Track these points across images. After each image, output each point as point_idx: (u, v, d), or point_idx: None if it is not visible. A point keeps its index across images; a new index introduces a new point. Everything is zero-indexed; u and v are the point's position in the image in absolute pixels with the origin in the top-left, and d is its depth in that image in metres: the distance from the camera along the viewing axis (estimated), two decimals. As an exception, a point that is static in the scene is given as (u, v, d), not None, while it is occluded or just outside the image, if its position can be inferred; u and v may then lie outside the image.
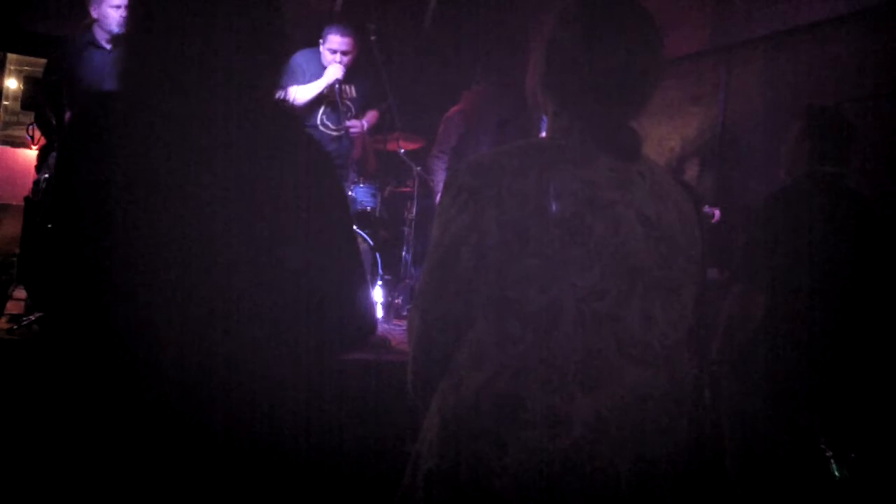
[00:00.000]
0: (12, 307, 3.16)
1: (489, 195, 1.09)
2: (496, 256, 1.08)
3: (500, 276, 1.08)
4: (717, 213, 4.06)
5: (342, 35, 4.00)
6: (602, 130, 1.16)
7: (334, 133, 4.09)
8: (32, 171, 4.05)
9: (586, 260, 1.07)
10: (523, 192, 1.08)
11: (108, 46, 3.49)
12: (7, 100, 6.31)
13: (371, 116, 4.25)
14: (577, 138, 1.15)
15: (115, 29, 3.41)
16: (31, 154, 5.26)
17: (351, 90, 4.14)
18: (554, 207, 1.07)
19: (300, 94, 3.92)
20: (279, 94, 1.22)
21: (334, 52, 4.00)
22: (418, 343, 1.20)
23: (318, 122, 4.07)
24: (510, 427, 1.05)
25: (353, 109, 4.14)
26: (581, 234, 1.08)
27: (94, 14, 3.48)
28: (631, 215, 1.11)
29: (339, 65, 3.97)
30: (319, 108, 4.07)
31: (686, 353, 1.18)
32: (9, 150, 4.54)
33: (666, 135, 4.83)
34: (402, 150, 4.58)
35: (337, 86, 4.00)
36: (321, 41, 4.05)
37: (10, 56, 6.14)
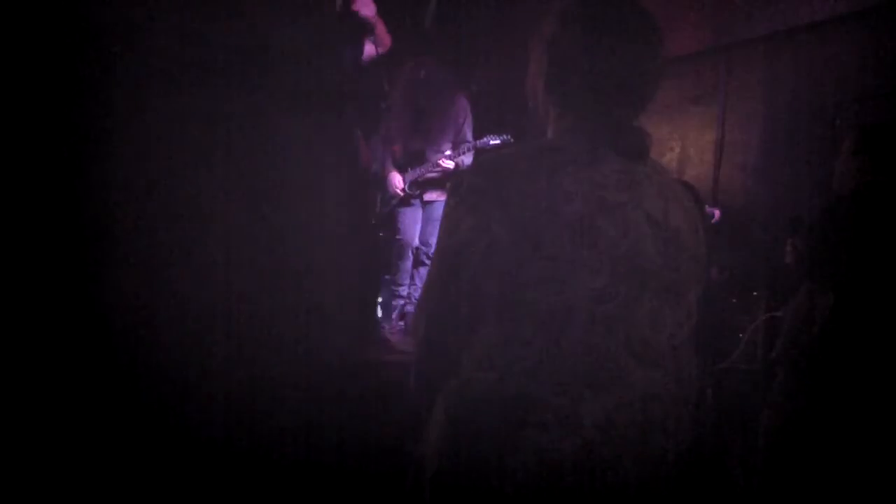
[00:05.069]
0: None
1: (498, 197, 1.09)
2: (506, 258, 1.07)
3: (509, 279, 1.07)
4: (717, 213, 4.05)
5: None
6: (609, 131, 1.15)
7: None
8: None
9: (596, 262, 1.07)
10: (533, 194, 1.08)
11: None
12: (7, 100, 6.32)
13: None
14: (584, 139, 1.15)
15: None
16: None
17: None
18: (564, 210, 1.07)
19: None
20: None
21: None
22: (423, 343, 1.19)
23: None
24: (520, 428, 1.05)
25: None
26: (591, 237, 1.07)
27: None
28: (639, 217, 1.11)
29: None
30: None
31: (691, 352, 1.18)
32: (9, 150, 4.54)
33: (666, 135, 4.82)
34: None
35: None
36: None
37: (10, 56, 6.14)
